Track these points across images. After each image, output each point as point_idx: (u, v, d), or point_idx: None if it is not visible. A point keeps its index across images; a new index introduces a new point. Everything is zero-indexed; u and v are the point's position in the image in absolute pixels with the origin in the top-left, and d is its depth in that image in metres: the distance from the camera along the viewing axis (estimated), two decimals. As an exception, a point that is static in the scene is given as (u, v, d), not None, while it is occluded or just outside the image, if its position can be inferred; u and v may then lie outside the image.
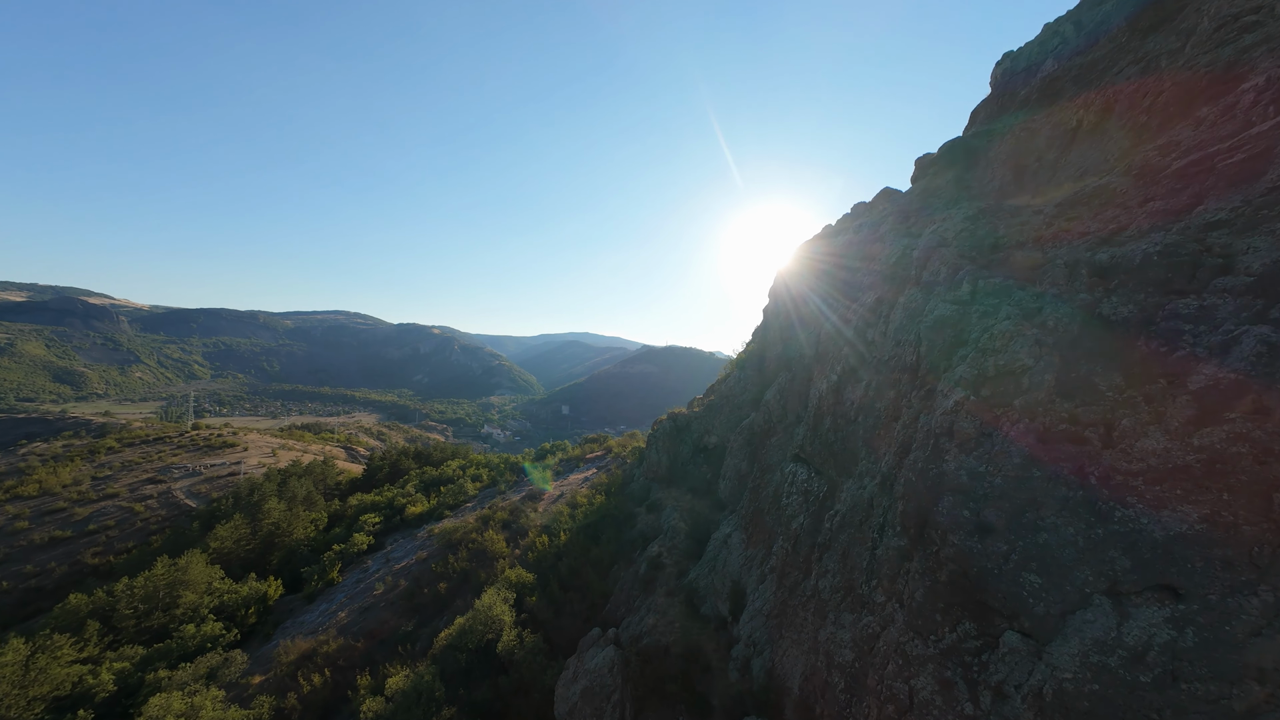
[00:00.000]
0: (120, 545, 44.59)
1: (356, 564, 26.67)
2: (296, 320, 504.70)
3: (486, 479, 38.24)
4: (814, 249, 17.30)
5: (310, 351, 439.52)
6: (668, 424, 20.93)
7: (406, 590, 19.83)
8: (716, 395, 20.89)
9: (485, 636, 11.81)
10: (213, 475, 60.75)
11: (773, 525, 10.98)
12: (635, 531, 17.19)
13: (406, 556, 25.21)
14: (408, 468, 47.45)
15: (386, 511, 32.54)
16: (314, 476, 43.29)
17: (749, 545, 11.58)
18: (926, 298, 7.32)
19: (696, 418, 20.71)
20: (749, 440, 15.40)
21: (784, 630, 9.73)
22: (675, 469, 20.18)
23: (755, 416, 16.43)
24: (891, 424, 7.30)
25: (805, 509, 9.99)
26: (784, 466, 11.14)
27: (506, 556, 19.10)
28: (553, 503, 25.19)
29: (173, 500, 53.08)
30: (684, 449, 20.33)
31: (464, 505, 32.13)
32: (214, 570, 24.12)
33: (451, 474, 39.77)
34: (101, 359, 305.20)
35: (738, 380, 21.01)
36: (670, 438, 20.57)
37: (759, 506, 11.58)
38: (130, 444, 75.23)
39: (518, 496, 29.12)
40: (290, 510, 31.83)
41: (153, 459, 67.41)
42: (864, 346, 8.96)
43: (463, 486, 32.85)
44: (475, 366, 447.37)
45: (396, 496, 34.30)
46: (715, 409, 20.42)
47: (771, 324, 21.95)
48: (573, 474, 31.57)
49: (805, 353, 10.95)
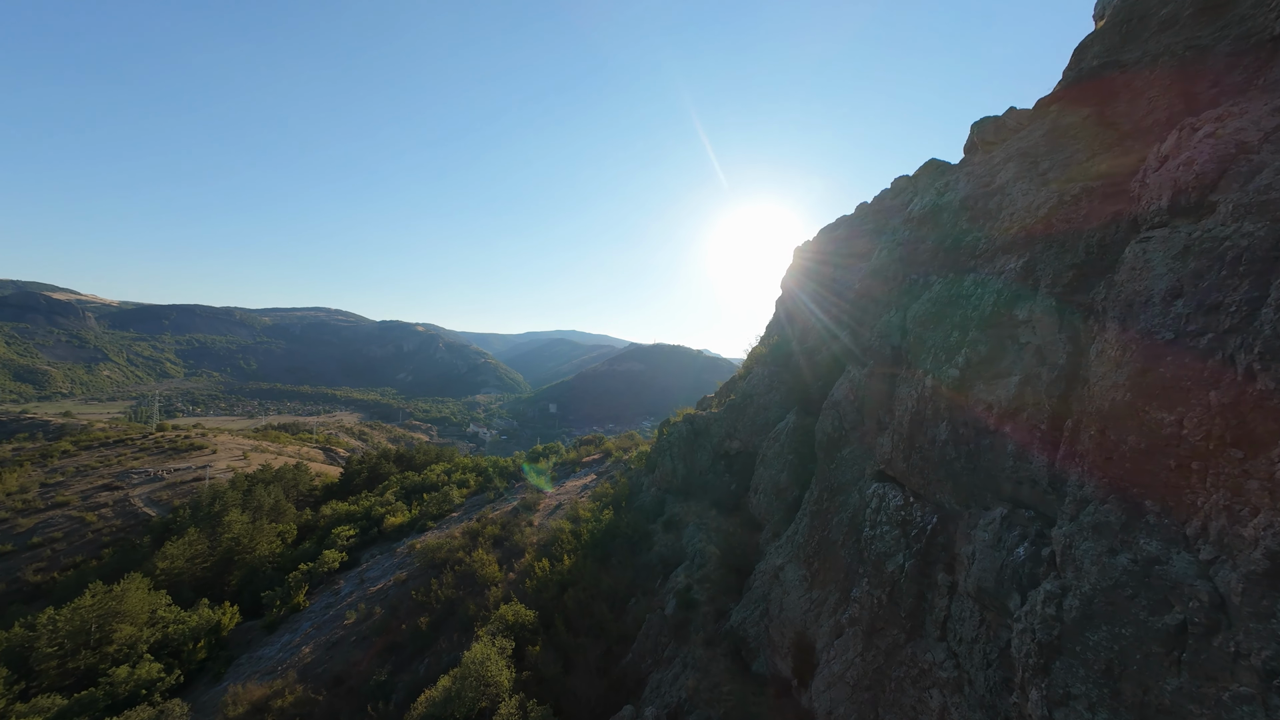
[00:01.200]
0: (67, 560, 40.67)
1: (326, 585, 23.69)
2: (275, 317, 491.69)
3: (474, 485, 35.34)
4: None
5: (289, 349, 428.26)
6: (683, 427, 18.38)
7: (381, 621, 17.01)
8: (737, 394, 18.41)
9: (477, 704, 9.18)
10: (176, 481, 56.66)
11: (850, 562, 8.52)
12: (653, 554, 14.63)
13: (383, 577, 22.32)
14: (388, 472, 44.23)
15: (363, 523, 29.49)
16: (284, 483, 39.89)
17: (813, 585, 9.14)
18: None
19: (716, 420, 18.21)
20: (793, 448, 12.93)
21: (883, 710, 7.27)
22: (693, 479, 17.66)
23: (795, 420, 13.95)
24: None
25: (904, 546, 7.53)
26: (863, 487, 8.68)
27: (499, 583, 16.39)
28: (550, 515, 22.50)
29: (130, 509, 49.07)
30: (702, 456, 17.83)
31: (449, 515, 29.26)
32: (158, 596, 20.96)
33: (435, 480, 36.74)
34: (67, 357, 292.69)
35: (761, 378, 18.56)
36: (686, 443, 18.04)
37: (827, 536, 9.13)
38: (88, 447, 70.42)
39: (509, 506, 26.34)
40: (255, 523, 28.63)
41: (111, 463, 62.90)
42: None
43: (448, 494, 29.95)
44: (460, 364, 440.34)
45: (374, 506, 31.24)
46: (738, 410, 17.95)
47: (799, 313, 19.53)
48: (569, 480, 28.88)
49: (891, 343, 8.49)
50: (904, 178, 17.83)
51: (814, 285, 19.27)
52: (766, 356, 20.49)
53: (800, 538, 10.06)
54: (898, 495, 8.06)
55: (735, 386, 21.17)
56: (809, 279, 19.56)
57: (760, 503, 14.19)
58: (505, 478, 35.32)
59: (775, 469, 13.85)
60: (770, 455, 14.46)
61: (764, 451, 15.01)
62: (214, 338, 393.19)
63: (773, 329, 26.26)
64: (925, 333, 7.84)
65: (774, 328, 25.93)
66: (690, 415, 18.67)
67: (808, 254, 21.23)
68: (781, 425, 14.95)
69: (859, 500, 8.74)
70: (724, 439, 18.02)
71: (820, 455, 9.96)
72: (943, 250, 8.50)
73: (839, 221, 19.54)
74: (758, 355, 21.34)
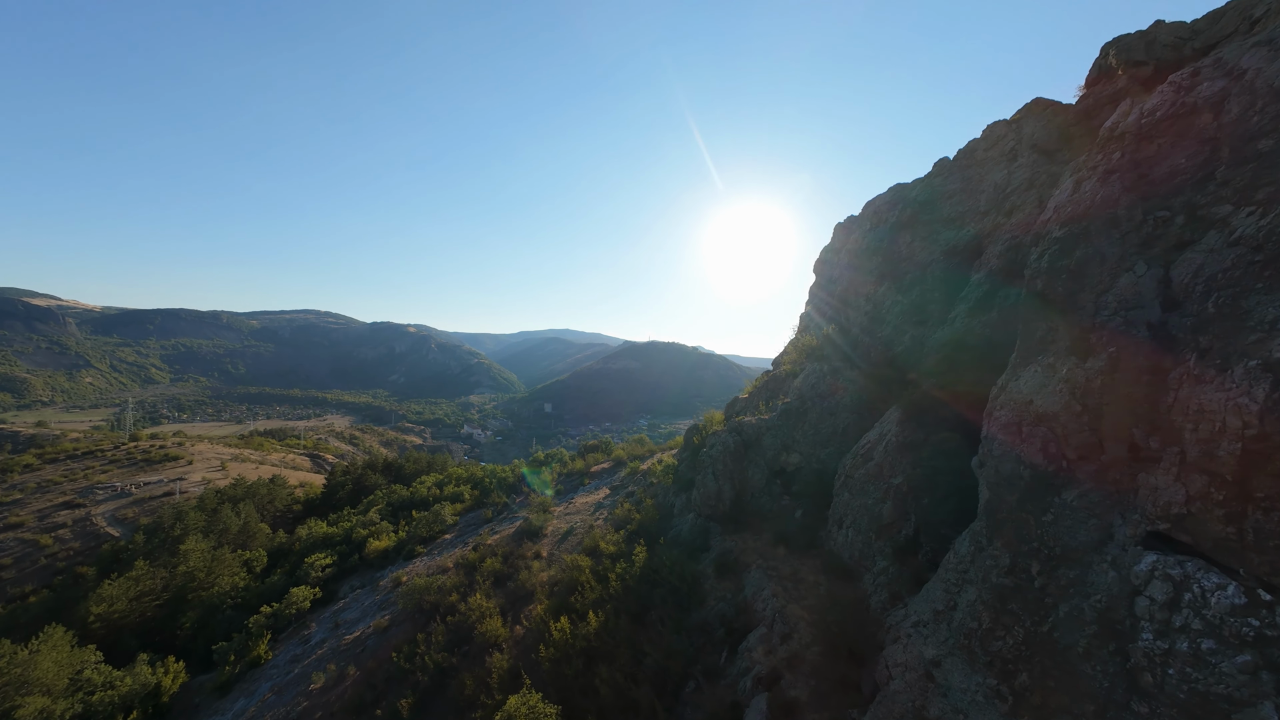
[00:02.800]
0: (15, 590, 36.51)
1: (296, 629, 19.92)
2: (263, 320, 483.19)
3: (469, 499, 31.62)
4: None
5: (279, 352, 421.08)
6: (728, 438, 14.79)
7: (354, 696, 13.32)
8: (791, 396, 14.87)
9: None
10: (145, 496, 52.38)
11: (1114, 690, 5.01)
12: (708, 611, 11.04)
13: (362, 621, 18.60)
14: (374, 484, 40.36)
15: (342, 548, 25.70)
16: (258, 499, 35.90)
17: (1020, 711, 5.65)
18: None
19: (769, 429, 14.66)
20: (903, 470, 9.41)
21: None
22: (744, 502, 14.11)
23: (900, 431, 10.38)
24: None
25: (1265, 684, 4.04)
26: (1123, 559, 5.15)
27: (504, 643, 12.74)
28: (560, 542, 18.86)
29: (91, 529, 44.86)
30: (755, 473, 14.27)
31: (441, 538, 25.54)
32: (84, 654, 17.13)
33: (426, 494, 32.96)
34: (46, 364, 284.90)
35: (819, 376, 15.03)
36: (733, 458, 14.46)
37: (1046, 635, 5.60)
38: (53, 460, 65.81)
39: (510, 529, 22.66)
40: (217, 550, 24.77)
41: (76, 477, 58.44)
42: None
43: (439, 514, 26.20)
44: (453, 365, 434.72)
45: (356, 527, 27.42)
46: (795, 416, 14.40)
47: (859, 296, 15.97)
48: (578, 495, 25.23)
49: (1149, 317, 5.03)
50: (1001, 122, 14.32)
51: (882, 261, 15.73)
52: (821, 350, 16.96)
53: (969, 620, 6.54)
54: (1228, 588, 4.49)
55: (784, 386, 17.63)
56: (875, 255, 16.02)
57: (849, 541, 10.67)
58: (504, 490, 31.61)
59: (872, 497, 10.32)
60: (859, 478, 10.93)
61: (848, 472, 11.47)
62: (200, 342, 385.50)
63: (813, 319, 22.76)
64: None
65: (815, 317, 22.42)
66: (738, 423, 15.07)
67: (865, 228, 17.67)
68: (871, 437, 11.43)
69: (1116, 582, 5.19)
70: (779, 452, 14.46)
71: (1006, 496, 6.38)
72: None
73: (914, 184, 15.99)
74: (807, 348, 17.80)
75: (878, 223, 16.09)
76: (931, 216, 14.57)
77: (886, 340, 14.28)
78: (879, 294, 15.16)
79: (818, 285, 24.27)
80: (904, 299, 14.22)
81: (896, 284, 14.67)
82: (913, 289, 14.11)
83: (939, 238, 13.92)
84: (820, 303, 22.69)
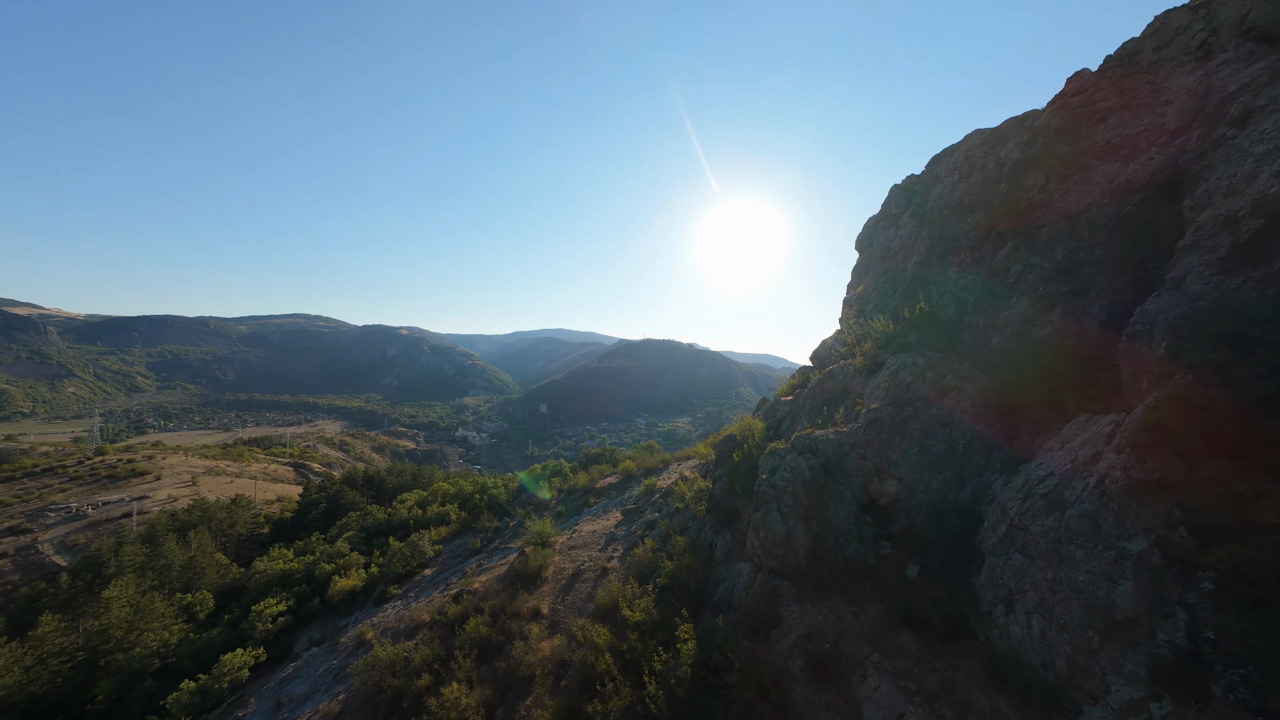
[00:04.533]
0: (-64, 635, 32.01)
1: (230, 709, 15.63)
2: (252, 325, 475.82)
3: (455, 521, 27.37)
4: None
5: (268, 358, 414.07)
6: (800, 462, 10.63)
7: None
8: (885, 402, 10.77)
9: None
10: (102, 518, 47.67)
11: None
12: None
13: (311, 701, 14.35)
14: (351, 501, 35.95)
15: (302, 588, 21.40)
16: (216, 524, 31.42)
17: None
18: None
19: (854, 446, 10.55)
20: (1110, 528, 5.34)
21: None
22: (824, 551, 9.99)
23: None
24: None
25: None
26: None
27: (488, 776, 8.57)
28: (564, 591, 14.68)
29: (35, 558, 40.17)
30: (839, 510, 10.15)
31: (420, 574, 21.30)
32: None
33: (406, 515, 28.64)
34: (27, 374, 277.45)
35: (918, 371, 10.94)
36: (810, 490, 10.30)
37: None
38: (8, 478, 60.90)
39: (502, 565, 18.46)
40: (147, 596, 20.40)
41: (30, 497, 53.57)
42: None
43: (418, 546, 21.93)
44: (447, 367, 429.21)
45: (320, 560, 23.09)
46: (889, 429, 10.32)
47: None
48: (583, 519, 21.04)
49: None
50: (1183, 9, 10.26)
51: (992, 215, 11.69)
52: (904, 337, 12.88)
53: None
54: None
55: (849, 385, 13.48)
56: (978, 210, 11.93)
57: (1038, 638, 6.58)
58: (496, 510, 27.39)
59: (1084, 570, 6.23)
60: (1046, 534, 6.83)
61: (1017, 521, 7.39)
62: (188, 349, 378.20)
63: (868, 302, 18.70)
64: None
65: (872, 298, 18.36)
66: (809, 439, 10.85)
67: (960, 175, 13.60)
68: (1060, 466, 7.32)
69: None
70: (869, 478, 10.34)
71: None
72: None
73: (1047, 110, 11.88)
74: (881, 335, 13.68)
75: (987, 162, 11.99)
76: (1077, 147, 10.47)
77: (1019, 320, 10.20)
78: (999, 258, 11.07)
79: (871, 260, 20.18)
80: (1043, 261, 10.14)
81: (1027, 242, 10.58)
82: (1056, 247, 10.03)
83: (1096, 173, 9.83)
84: (878, 279, 18.62)
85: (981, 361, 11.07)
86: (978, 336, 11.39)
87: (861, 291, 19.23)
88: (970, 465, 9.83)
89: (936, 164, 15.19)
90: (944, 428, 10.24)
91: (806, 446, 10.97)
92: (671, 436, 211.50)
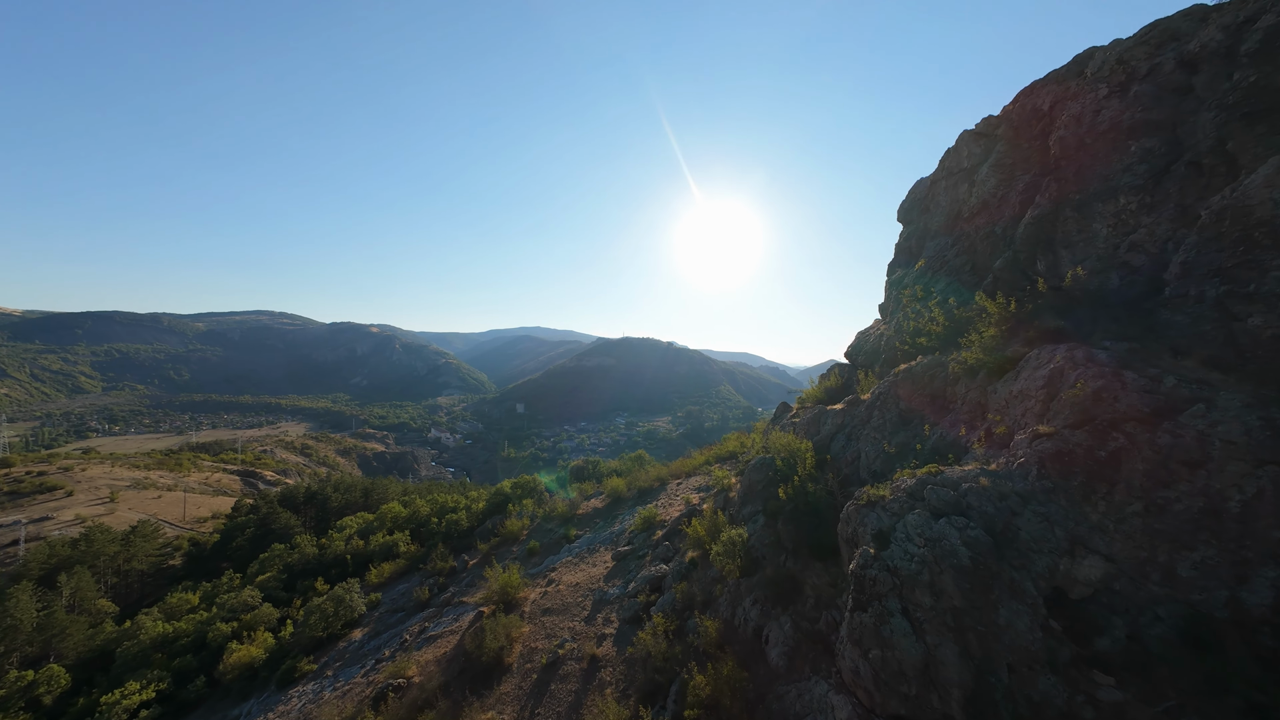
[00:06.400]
0: None
1: None
2: (210, 322, 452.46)
3: (405, 553, 22.24)
4: None
5: (228, 356, 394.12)
6: (946, 531, 6.13)
7: None
8: (1065, 423, 6.42)
9: None
10: (-14, 546, 40.32)
11: None
12: None
13: None
14: (284, 527, 30.23)
15: (186, 659, 16.08)
16: (104, 561, 25.40)
17: None
18: None
19: (1027, 500, 6.10)
20: None
21: None
22: (992, 696, 5.56)
23: None
24: None
25: None
26: None
27: None
28: (534, 700, 9.95)
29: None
30: (1017, 617, 5.69)
31: (347, 636, 16.23)
32: None
33: (343, 549, 23.34)
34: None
35: (1111, 367, 6.61)
36: (971, 583, 5.82)
37: None
38: (-115, 497, 52.50)
39: (453, 634, 13.59)
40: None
41: (-94, 521, 45.73)
42: None
43: (345, 599, 16.81)
44: (419, 366, 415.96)
45: (217, 618, 17.71)
46: (1087, 469, 5.96)
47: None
48: (561, 563, 16.24)
49: None
50: None
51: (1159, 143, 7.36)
52: (1094, 315, 8.61)
53: None
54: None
55: (968, 393, 9.08)
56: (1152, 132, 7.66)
57: None
58: (452, 543, 22.36)
59: None
60: None
61: None
62: (138, 347, 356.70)
63: (937, 276, 14.52)
64: None
65: (962, 260, 14.19)
66: (944, 483, 6.31)
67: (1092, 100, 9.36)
68: None
69: None
70: (1058, 557, 5.97)
71: None
72: None
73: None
74: (1017, 315, 9.36)
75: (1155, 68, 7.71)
76: None
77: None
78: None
79: (929, 228, 15.97)
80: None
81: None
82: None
83: None
84: (945, 250, 14.38)
85: (1222, 359, 6.76)
86: (1202, 316, 7.07)
87: (922, 266, 15.00)
88: (1256, 540, 5.49)
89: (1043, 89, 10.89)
90: (1192, 469, 5.90)
91: (951, 503, 6.45)
92: (652, 436, 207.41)
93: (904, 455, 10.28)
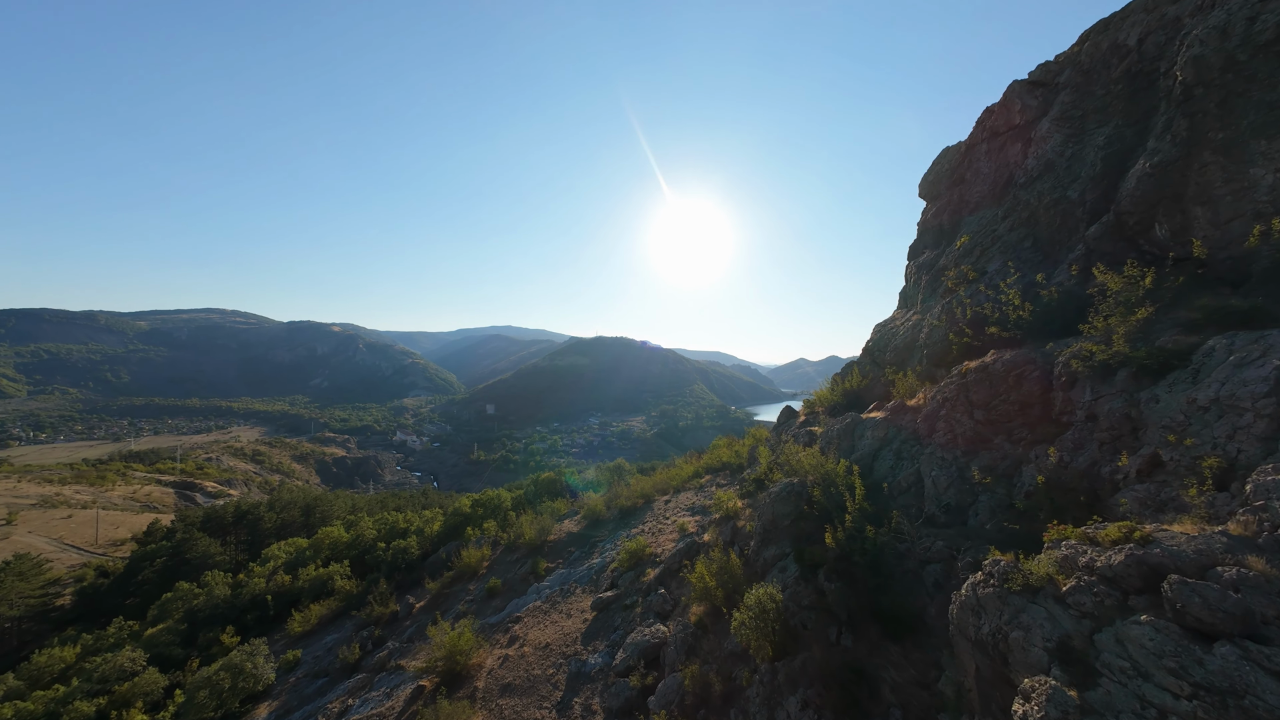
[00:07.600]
0: None
1: None
2: (154, 321, 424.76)
3: (340, 590, 18.54)
4: None
5: (174, 357, 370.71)
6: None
7: None
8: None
9: None
10: None
11: None
12: None
13: None
14: (204, 555, 25.78)
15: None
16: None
17: None
18: None
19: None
20: None
21: None
22: None
23: None
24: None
25: None
26: None
27: None
28: None
29: None
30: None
31: (249, 716, 12.59)
32: None
33: (264, 587, 19.40)
34: None
35: None
36: None
37: None
38: None
39: (378, 709, 10.23)
40: None
41: None
42: None
43: (245, 668, 13.11)
44: (384, 366, 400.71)
45: (75, 697, 13.68)
46: None
47: None
48: (526, 610, 13.00)
49: None
50: None
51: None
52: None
53: None
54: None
55: (1095, 402, 6.43)
56: None
57: None
58: (398, 577, 18.78)
59: None
60: None
61: None
62: (70, 347, 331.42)
63: (1019, 237, 12.03)
64: None
65: (1017, 234, 11.67)
66: (1159, 560, 3.75)
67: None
68: None
69: None
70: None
71: None
72: None
73: None
74: (1171, 291, 6.74)
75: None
76: None
77: None
78: None
79: (966, 201, 13.44)
80: None
81: None
82: None
83: None
84: (995, 224, 11.85)
85: None
86: None
87: (965, 244, 12.44)
88: None
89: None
90: None
91: (1216, 604, 3.64)
92: (627, 436, 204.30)
93: (996, 486, 7.56)
